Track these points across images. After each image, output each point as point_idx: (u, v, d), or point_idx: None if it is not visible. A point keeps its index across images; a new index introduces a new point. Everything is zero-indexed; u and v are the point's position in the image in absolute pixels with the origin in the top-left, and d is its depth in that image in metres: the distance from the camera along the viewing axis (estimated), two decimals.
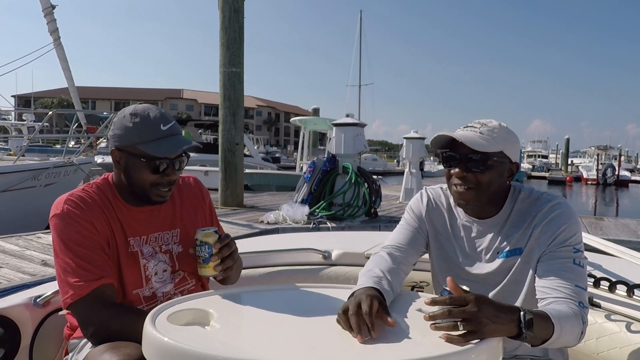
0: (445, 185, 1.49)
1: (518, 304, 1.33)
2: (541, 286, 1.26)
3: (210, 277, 1.41)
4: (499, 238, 1.37)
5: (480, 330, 1.00)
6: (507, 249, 1.35)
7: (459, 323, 1.00)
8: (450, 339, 1.00)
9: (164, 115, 1.39)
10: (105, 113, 10.14)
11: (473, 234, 1.41)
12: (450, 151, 1.33)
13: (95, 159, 10.85)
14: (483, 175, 1.30)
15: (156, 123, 1.36)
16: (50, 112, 8.37)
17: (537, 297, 1.27)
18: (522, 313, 1.06)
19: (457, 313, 1.00)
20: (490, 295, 1.36)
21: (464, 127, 1.35)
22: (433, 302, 1.03)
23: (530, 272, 1.32)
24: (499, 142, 1.30)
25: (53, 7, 8.55)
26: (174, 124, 1.39)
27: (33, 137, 9.68)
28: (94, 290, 1.28)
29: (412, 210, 1.52)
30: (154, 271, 1.43)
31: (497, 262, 1.36)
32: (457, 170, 1.32)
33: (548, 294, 1.23)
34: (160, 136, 1.35)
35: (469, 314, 1.00)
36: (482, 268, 1.38)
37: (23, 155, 8.51)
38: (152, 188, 1.38)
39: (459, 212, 1.44)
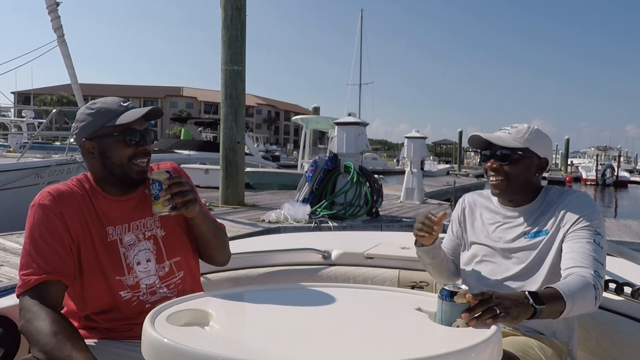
0: (481, 191, 1.76)
1: (540, 279, 1.48)
2: (564, 259, 1.43)
3: (163, 214, 1.39)
4: (528, 223, 1.55)
5: (511, 312, 1.11)
6: (534, 230, 1.53)
7: (495, 307, 1.10)
8: (494, 321, 1.09)
9: (121, 98, 1.48)
10: None
11: (505, 220, 1.60)
12: (485, 150, 1.59)
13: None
14: (510, 167, 1.52)
15: (116, 102, 1.44)
16: (54, 110, 8.35)
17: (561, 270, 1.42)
18: (527, 293, 1.19)
19: (491, 301, 1.11)
20: (515, 271, 1.52)
21: (499, 130, 1.59)
22: (474, 297, 1.11)
23: (553, 251, 1.48)
24: (527, 141, 1.53)
25: (57, 4, 8.49)
26: (132, 103, 1.48)
27: (37, 135, 9.66)
28: (38, 285, 1.28)
29: (454, 214, 1.76)
30: (136, 261, 1.43)
31: (523, 242, 1.53)
32: (488, 163, 1.55)
33: (568, 265, 1.39)
34: (124, 109, 1.42)
35: (499, 300, 1.12)
36: (510, 248, 1.55)
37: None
38: (131, 163, 1.42)
39: (495, 203, 1.65)
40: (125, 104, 1.44)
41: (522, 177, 1.53)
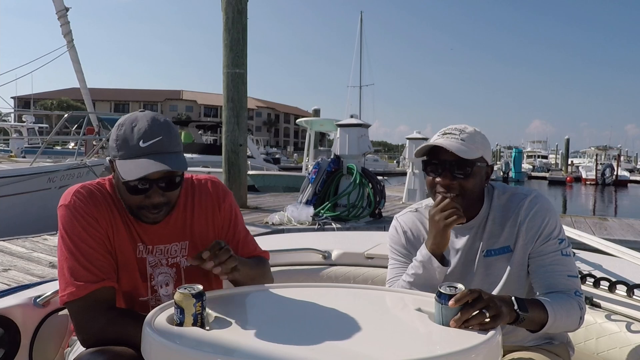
0: (415, 206, 1.52)
1: None
2: (536, 282, 1.34)
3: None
4: (483, 237, 1.39)
5: (501, 312, 1.07)
6: (495, 247, 1.38)
7: (484, 310, 1.06)
8: (482, 326, 1.05)
9: (152, 129, 1.24)
10: (116, 116, 10.15)
11: (458, 243, 1.41)
12: (434, 159, 1.34)
13: (107, 160, 10.82)
14: (467, 182, 1.31)
15: (137, 138, 1.23)
16: (66, 115, 8.36)
17: (534, 291, 1.35)
18: (512, 298, 1.15)
19: (479, 303, 1.06)
20: None
21: (443, 135, 1.35)
22: (456, 302, 1.06)
23: (524, 271, 1.37)
24: (479, 148, 1.33)
25: (67, 9, 8.52)
26: (160, 140, 1.24)
27: (49, 140, 9.67)
28: (92, 292, 1.23)
29: (394, 243, 1.51)
30: (160, 284, 1.38)
31: (487, 261, 1.38)
32: (441, 179, 1.32)
33: (545, 290, 1.31)
34: (135, 155, 1.23)
35: (488, 301, 1.07)
36: (473, 273, 1.39)
37: (24, 157, 8.49)
38: (139, 210, 1.30)
39: None
40: (145, 144, 1.22)
41: (476, 190, 1.35)
